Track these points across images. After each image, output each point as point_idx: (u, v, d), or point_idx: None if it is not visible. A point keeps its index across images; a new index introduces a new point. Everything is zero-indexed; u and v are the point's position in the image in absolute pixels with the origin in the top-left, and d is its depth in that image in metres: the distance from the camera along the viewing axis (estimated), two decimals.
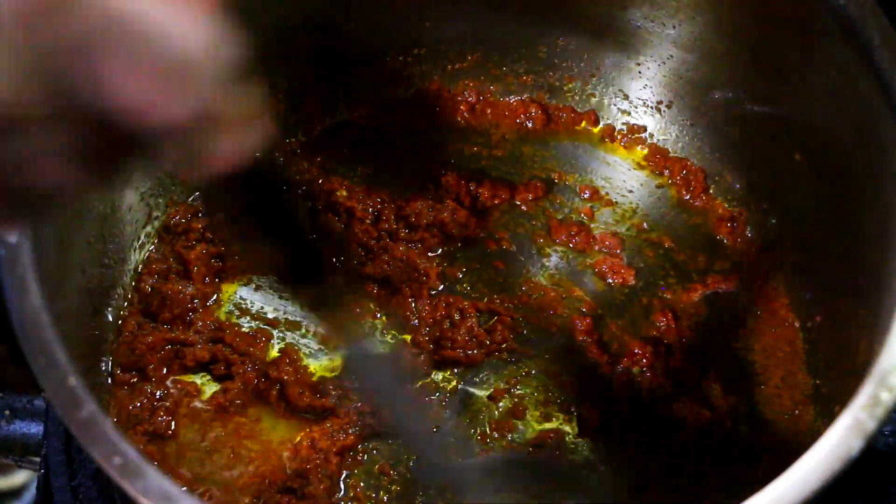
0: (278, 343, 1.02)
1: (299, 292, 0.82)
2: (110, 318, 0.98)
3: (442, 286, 1.06)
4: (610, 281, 1.07)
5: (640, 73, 1.10)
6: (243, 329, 1.02)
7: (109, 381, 0.97)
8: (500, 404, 1.00)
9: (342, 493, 0.95)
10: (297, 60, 1.10)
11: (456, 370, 1.02)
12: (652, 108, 1.12)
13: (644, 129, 1.14)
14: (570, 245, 1.09)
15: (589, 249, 1.09)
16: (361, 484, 0.95)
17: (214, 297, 1.04)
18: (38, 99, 0.40)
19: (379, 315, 1.04)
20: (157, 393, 0.97)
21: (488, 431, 0.99)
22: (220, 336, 1.01)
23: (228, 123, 0.44)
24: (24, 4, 0.39)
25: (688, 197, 1.11)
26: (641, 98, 1.12)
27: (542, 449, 0.97)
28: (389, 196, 1.10)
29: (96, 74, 0.40)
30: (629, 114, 1.15)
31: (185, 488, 0.65)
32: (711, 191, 1.11)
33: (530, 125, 1.16)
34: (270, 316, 1.04)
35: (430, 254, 1.08)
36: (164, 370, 0.99)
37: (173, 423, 0.96)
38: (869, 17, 0.84)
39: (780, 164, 1.01)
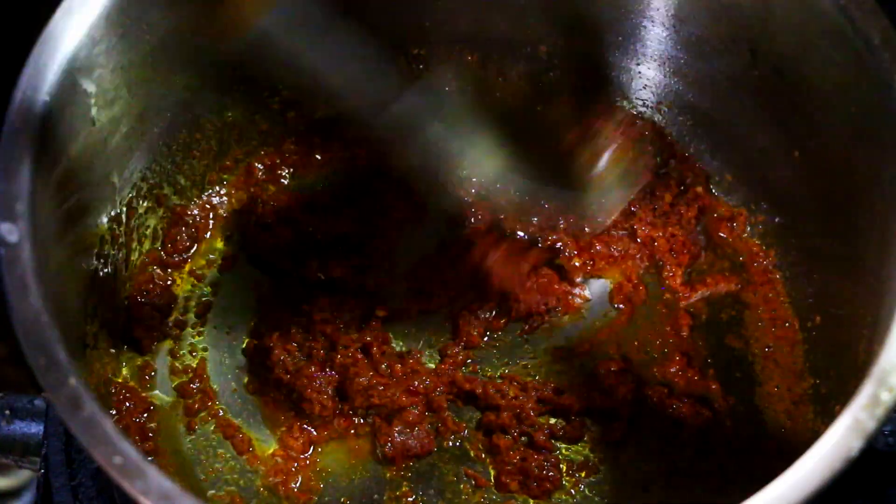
0: None
1: None
2: (111, 317, 0.98)
3: None
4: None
5: (640, 73, 1.10)
6: None
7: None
8: None
9: None
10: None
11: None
12: (652, 108, 1.12)
13: None
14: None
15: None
16: None
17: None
18: None
19: None
20: None
21: None
22: None
23: None
24: None
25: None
26: (641, 98, 1.12)
27: (542, 448, 0.97)
28: None
29: None
30: None
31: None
32: (711, 191, 1.11)
33: None
34: None
35: None
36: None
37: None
38: (869, 17, 0.84)
39: (780, 164, 1.01)
